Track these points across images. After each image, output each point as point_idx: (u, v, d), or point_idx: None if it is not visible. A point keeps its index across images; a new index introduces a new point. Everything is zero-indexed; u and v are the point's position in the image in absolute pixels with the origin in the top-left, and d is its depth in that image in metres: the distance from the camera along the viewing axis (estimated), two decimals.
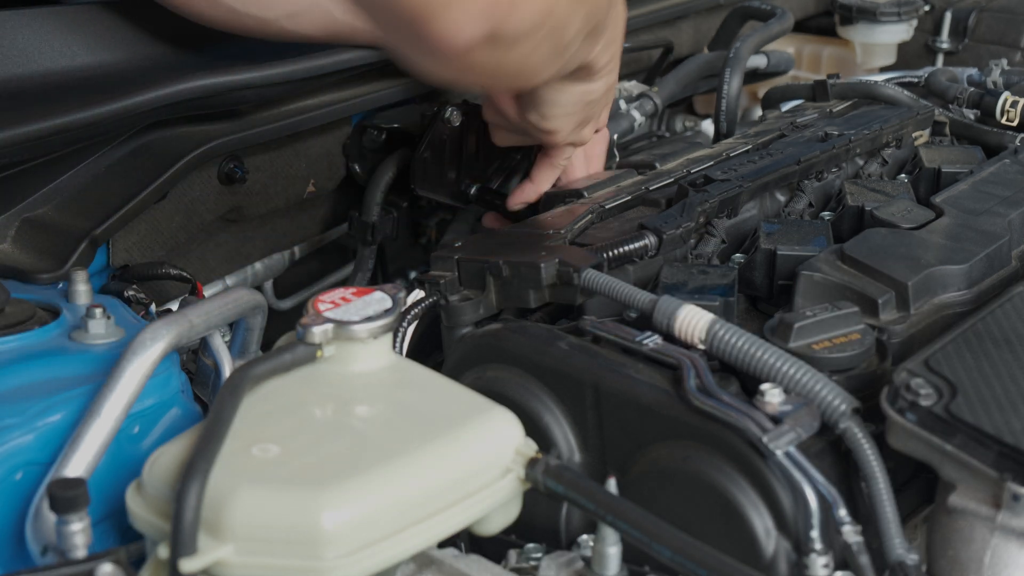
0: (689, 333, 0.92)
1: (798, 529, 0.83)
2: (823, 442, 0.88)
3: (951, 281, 1.03)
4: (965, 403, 0.84)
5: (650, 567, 0.87)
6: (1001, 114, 1.45)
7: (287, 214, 1.46)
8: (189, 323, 0.95)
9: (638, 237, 1.08)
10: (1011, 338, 0.93)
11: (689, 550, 0.76)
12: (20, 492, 0.88)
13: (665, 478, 0.90)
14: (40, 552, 0.86)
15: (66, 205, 1.16)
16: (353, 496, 0.75)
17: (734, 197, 1.19)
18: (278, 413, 0.82)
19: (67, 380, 0.93)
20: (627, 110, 1.62)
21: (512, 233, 1.16)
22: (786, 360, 0.88)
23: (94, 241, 1.17)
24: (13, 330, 0.98)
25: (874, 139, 1.36)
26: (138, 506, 0.79)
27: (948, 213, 1.14)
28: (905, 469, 0.92)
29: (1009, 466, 0.80)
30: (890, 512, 0.83)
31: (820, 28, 2.09)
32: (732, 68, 1.59)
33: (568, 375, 0.95)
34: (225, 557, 0.73)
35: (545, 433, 0.96)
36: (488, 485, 0.81)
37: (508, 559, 0.93)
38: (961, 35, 2.00)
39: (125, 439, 0.92)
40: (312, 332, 0.85)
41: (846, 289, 1.01)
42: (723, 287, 1.02)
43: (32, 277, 1.12)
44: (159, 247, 1.29)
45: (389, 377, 0.87)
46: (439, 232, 1.60)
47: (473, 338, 1.02)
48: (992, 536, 0.82)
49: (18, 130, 1.06)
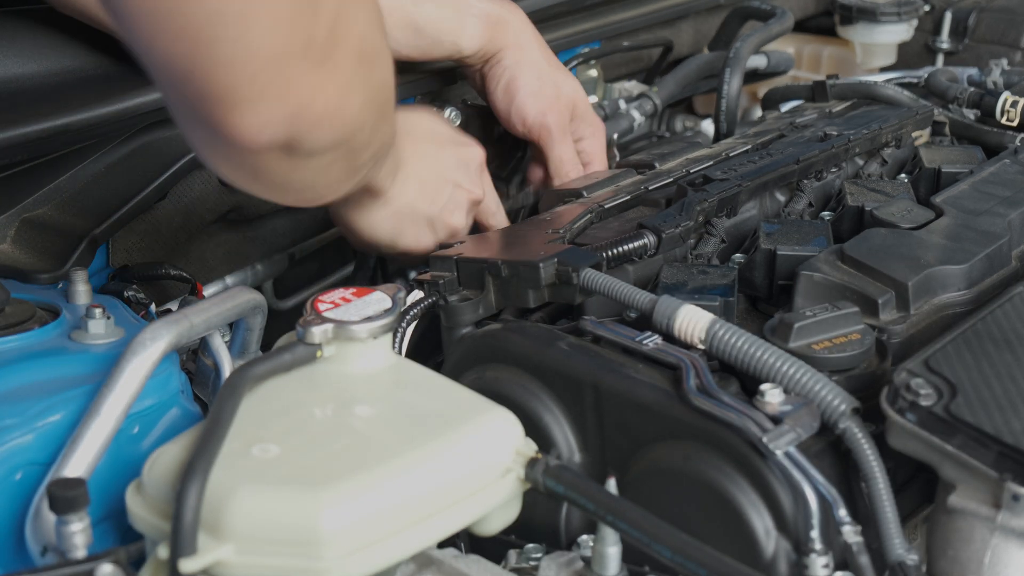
0: (689, 333, 0.92)
1: (798, 529, 0.83)
2: (823, 442, 0.88)
3: (951, 281, 1.03)
4: (965, 403, 0.84)
5: (650, 567, 0.87)
6: (1001, 114, 1.45)
7: (287, 214, 1.46)
8: (189, 323, 0.95)
9: (637, 236, 1.08)
10: (1011, 338, 0.93)
11: (689, 550, 0.76)
12: (20, 492, 0.88)
13: (665, 478, 0.89)
14: (40, 552, 0.86)
15: (66, 205, 1.16)
16: (353, 496, 0.75)
17: (733, 197, 1.19)
18: (278, 413, 0.82)
19: (67, 380, 0.93)
20: (627, 110, 1.62)
21: (511, 233, 1.16)
22: (786, 360, 0.88)
23: (94, 241, 1.17)
24: (13, 330, 0.98)
25: (873, 139, 1.36)
26: (138, 506, 0.79)
27: (948, 213, 1.14)
28: (905, 469, 0.92)
29: (1009, 466, 0.80)
30: (890, 512, 0.83)
31: (820, 28, 2.09)
32: (732, 68, 1.59)
33: (568, 375, 0.95)
34: (225, 557, 0.73)
35: (545, 433, 0.96)
36: (488, 485, 0.81)
37: (508, 559, 0.93)
38: (961, 35, 2.00)
39: (125, 439, 0.92)
40: (312, 332, 0.85)
41: (846, 289, 1.01)
42: (723, 287, 1.02)
43: (32, 277, 1.12)
44: (159, 247, 1.29)
45: (389, 377, 0.87)
46: None
47: (473, 338, 1.02)
48: (992, 536, 0.82)
49: (18, 130, 1.06)
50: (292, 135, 0.84)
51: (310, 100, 0.83)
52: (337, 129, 0.88)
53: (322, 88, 0.84)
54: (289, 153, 0.86)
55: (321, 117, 0.85)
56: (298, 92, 0.82)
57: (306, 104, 0.83)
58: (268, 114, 0.81)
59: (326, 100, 0.85)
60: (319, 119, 0.85)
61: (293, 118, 0.83)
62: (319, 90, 0.83)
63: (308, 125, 0.85)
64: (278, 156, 0.86)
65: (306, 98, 0.83)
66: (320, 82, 0.83)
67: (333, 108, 0.86)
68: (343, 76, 0.85)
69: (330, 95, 0.85)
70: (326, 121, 0.86)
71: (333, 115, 0.86)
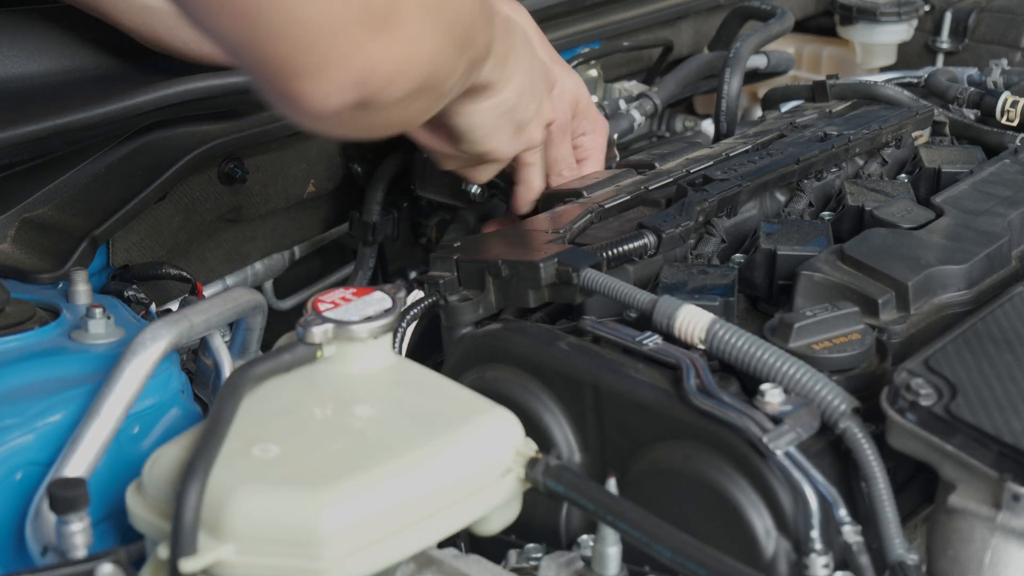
0: (689, 333, 0.92)
1: (798, 529, 0.83)
2: (823, 442, 0.88)
3: (951, 281, 1.03)
4: (965, 403, 0.84)
5: (650, 567, 0.87)
6: (1001, 114, 1.45)
7: (287, 214, 1.46)
8: (189, 323, 0.95)
9: (637, 236, 1.08)
10: (1011, 338, 0.93)
11: (689, 550, 0.76)
12: (20, 492, 0.88)
13: (665, 478, 0.89)
14: (40, 552, 0.86)
15: (66, 205, 1.16)
16: (353, 496, 0.75)
17: (733, 196, 1.19)
18: (278, 413, 0.82)
19: (67, 380, 0.93)
20: (627, 110, 1.62)
21: (511, 233, 1.16)
22: (786, 360, 0.88)
23: (94, 241, 1.17)
24: (13, 330, 0.98)
25: (873, 139, 1.36)
26: (138, 506, 0.79)
27: (948, 213, 1.14)
28: (905, 469, 0.92)
29: (1009, 466, 0.80)
30: (890, 512, 0.83)
31: (820, 28, 2.09)
32: (732, 68, 1.59)
33: (568, 375, 0.95)
34: (225, 557, 0.73)
35: (545, 433, 0.96)
36: (488, 485, 0.81)
37: (508, 559, 0.93)
38: (961, 35, 2.00)
39: (125, 439, 0.92)
40: (312, 332, 0.85)
41: (846, 289, 1.01)
42: (723, 287, 1.02)
43: (32, 277, 1.12)
44: (159, 247, 1.29)
45: (389, 377, 0.87)
46: (439, 232, 1.59)
47: (473, 338, 1.02)
48: (992, 536, 0.82)
49: (18, 130, 1.06)
50: (365, 95, 0.83)
51: (375, 64, 0.82)
52: (411, 81, 0.86)
53: (387, 49, 0.82)
54: (364, 108, 0.85)
55: (391, 76, 0.84)
56: (362, 58, 0.81)
57: (371, 68, 0.82)
58: (332, 83, 0.81)
59: (394, 60, 0.83)
60: (388, 79, 0.84)
61: (359, 83, 0.82)
62: (384, 52, 0.82)
63: (377, 86, 0.84)
64: (353, 113, 0.85)
65: (371, 62, 0.82)
66: (384, 45, 0.82)
67: (403, 65, 0.84)
68: (409, 32, 0.83)
69: (397, 54, 0.83)
70: (397, 78, 0.85)
71: (403, 71, 0.85)
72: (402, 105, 0.88)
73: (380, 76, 0.83)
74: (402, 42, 0.83)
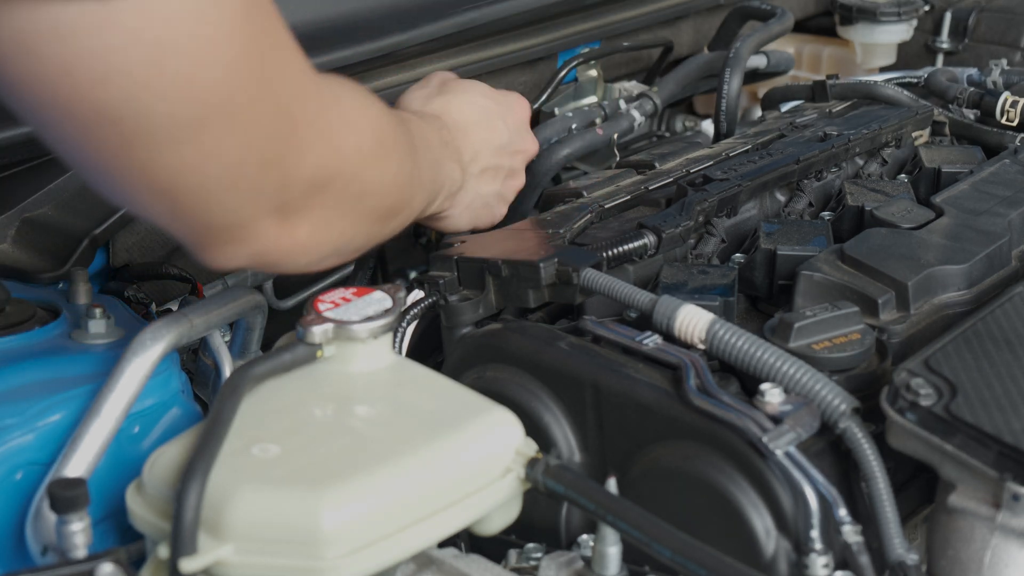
0: (689, 333, 0.92)
1: (798, 529, 0.83)
2: (823, 442, 0.88)
3: (951, 281, 1.03)
4: (965, 403, 0.84)
5: (650, 567, 0.87)
6: (1001, 114, 1.45)
7: None
8: (189, 323, 0.95)
9: (637, 236, 1.08)
10: (1011, 338, 0.93)
11: (689, 550, 0.76)
12: (20, 492, 0.88)
13: (665, 478, 0.89)
14: (40, 552, 0.86)
15: (66, 205, 1.16)
16: (353, 496, 0.75)
17: (733, 196, 1.19)
18: (278, 413, 0.82)
19: (67, 380, 0.93)
20: (627, 110, 1.62)
21: (511, 233, 1.16)
22: (786, 360, 0.88)
23: (94, 241, 1.17)
24: (13, 330, 0.98)
25: (873, 139, 1.36)
26: (138, 506, 0.79)
27: (948, 213, 1.14)
28: (905, 469, 0.92)
29: (1009, 466, 0.80)
30: (890, 512, 0.83)
31: (820, 28, 2.09)
32: (732, 68, 1.59)
33: (568, 375, 0.95)
34: (225, 557, 0.73)
35: (545, 433, 0.96)
36: (488, 485, 0.81)
37: (508, 559, 0.93)
38: (961, 35, 2.00)
39: (125, 439, 0.92)
40: (312, 332, 0.85)
41: (846, 289, 1.01)
42: (723, 287, 1.02)
43: (32, 277, 1.12)
44: (159, 247, 1.29)
45: (389, 377, 0.87)
46: (439, 232, 1.59)
47: (473, 338, 1.02)
48: (992, 536, 0.82)
49: (18, 130, 1.06)
50: (263, 265, 0.86)
51: (275, 244, 0.84)
52: (315, 254, 0.89)
53: (292, 233, 0.85)
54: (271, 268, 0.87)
55: (290, 252, 0.86)
56: (263, 241, 0.83)
57: (271, 249, 0.84)
58: (234, 257, 0.83)
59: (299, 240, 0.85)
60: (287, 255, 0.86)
61: (257, 256, 0.84)
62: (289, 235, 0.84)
63: (275, 259, 0.86)
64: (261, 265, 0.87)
65: (271, 244, 0.84)
66: (288, 230, 0.84)
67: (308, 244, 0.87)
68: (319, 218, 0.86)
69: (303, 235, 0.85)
70: (297, 254, 0.87)
71: (306, 249, 0.87)
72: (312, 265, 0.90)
73: (279, 253, 0.86)
74: (309, 226, 0.86)
